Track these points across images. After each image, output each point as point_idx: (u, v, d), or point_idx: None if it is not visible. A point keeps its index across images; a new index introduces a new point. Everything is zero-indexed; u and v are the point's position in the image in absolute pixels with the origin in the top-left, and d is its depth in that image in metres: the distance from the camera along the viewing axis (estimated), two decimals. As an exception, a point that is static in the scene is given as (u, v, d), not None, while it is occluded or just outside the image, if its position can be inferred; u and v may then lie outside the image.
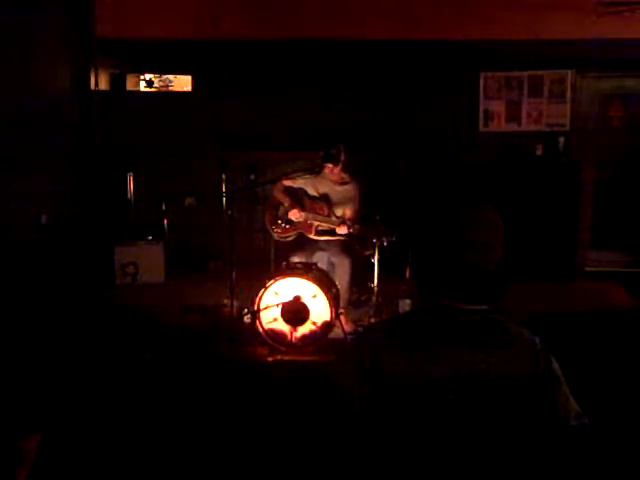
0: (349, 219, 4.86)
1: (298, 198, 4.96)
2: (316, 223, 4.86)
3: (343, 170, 4.90)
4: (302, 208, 4.89)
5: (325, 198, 4.90)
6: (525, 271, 5.38)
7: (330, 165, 4.80)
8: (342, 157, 4.82)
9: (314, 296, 4.38)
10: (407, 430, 1.47)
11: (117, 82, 6.74)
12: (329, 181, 4.91)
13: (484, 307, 1.50)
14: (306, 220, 4.87)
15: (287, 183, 4.98)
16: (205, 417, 3.49)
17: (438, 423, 1.46)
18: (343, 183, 4.93)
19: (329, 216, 4.87)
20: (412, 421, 1.46)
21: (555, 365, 1.52)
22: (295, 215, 4.88)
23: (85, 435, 3.25)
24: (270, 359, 4.35)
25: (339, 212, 4.91)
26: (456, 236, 1.48)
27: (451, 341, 1.46)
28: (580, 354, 3.66)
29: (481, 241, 1.48)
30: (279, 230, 4.96)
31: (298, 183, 4.96)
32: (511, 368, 1.46)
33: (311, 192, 4.96)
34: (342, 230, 4.73)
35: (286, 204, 4.92)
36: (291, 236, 4.96)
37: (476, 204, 1.52)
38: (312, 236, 4.88)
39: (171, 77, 6.77)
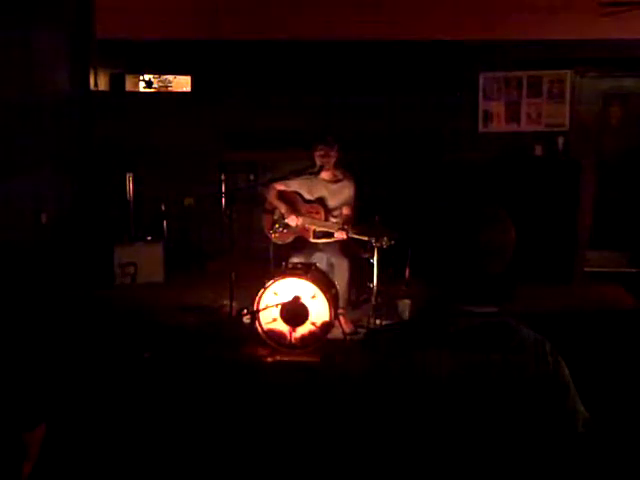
0: (347, 216, 4.86)
1: (293, 203, 4.95)
2: (313, 227, 4.85)
3: (336, 167, 4.89)
4: (298, 213, 4.88)
5: (321, 201, 4.89)
6: (524, 272, 5.37)
7: (322, 152, 4.75)
8: (334, 147, 4.80)
9: (313, 296, 4.38)
10: (408, 430, 1.47)
11: (116, 82, 6.74)
12: (323, 181, 4.90)
13: (493, 310, 1.49)
14: (304, 224, 4.87)
15: (280, 188, 4.95)
16: (204, 417, 3.49)
17: (440, 425, 1.45)
18: (337, 180, 4.92)
19: (326, 220, 4.86)
20: (414, 422, 1.46)
21: (565, 371, 1.50)
22: (293, 221, 4.87)
23: (89, 428, 3.26)
24: (269, 359, 4.35)
25: (336, 212, 4.91)
26: (466, 239, 1.47)
27: (456, 343, 1.45)
28: (580, 355, 3.66)
29: (491, 244, 1.47)
30: (276, 235, 4.95)
31: (293, 187, 4.95)
32: (517, 372, 1.45)
33: (306, 196, 4.94)
34: (340, 236, 4.71)
35: (282, 210, 4.91)
36: (289, 240, 4.96)
37: (488, 207, 1.51)
38: (310, 239, 4.88)
39: (170, 77, 6.77)
